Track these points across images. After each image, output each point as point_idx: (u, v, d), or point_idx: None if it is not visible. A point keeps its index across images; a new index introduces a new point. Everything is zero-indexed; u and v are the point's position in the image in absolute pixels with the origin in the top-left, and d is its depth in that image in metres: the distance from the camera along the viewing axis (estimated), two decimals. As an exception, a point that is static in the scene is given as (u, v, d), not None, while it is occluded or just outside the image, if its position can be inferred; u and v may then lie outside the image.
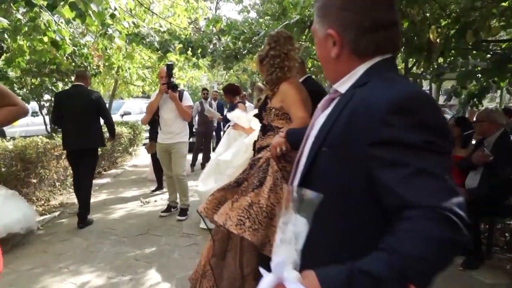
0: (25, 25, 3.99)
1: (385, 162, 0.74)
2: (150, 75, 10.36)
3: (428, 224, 0.67)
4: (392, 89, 0.79)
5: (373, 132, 0.76)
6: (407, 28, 3.79)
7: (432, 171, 0.72)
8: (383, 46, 0.87)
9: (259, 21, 7.24)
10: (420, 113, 0.76)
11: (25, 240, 3.71)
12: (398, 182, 0.72)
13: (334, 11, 0.88)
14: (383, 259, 0.67)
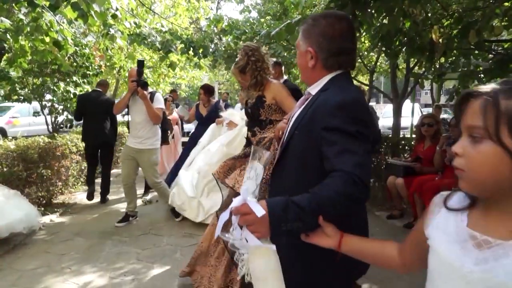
0: (27, 25, 4.00)
1: (328, 141, 1.12)
2: (151, 75, 10.37)
3: (340, 181, 1.03)
4: (341, 94, 1.18)
5: (325, 120, 1.14)
6: (409, 28, 3.79)
7: (356, 150, 1.08)
8: (343, 65, 1.28)
9: (261, 21, 7.26)
10: (355, 112, 1.14)
11: (28, 240, 3.72)
12: (332, 155, 1.09)
13: (314, 36, 1.26)
14: (307, 197, 1.02)
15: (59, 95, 6.99)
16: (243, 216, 1.00)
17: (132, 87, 3.90)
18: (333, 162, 1.08)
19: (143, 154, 4.07)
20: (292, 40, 5.05)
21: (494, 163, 0.69)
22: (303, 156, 1.23)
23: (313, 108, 1.22)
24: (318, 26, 1.26)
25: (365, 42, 7.60)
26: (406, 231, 4.09)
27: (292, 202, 1.01)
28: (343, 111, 1.13)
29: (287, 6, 7.60)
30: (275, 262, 1.02)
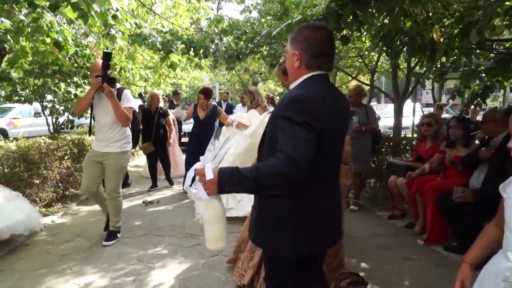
0: (28, 26, 3.99)
1: (280, 127, 1.38)
2: (152, 76, 10.36)
3: (279, 160, 1.29)
4: (300, 90, 1.46)
5: (282, 110, 1.41)
6: (410, 28, 3.78)
7: (298, 137, 1.32)
8: (322, 66, 1.53)
9: (261, 21, 7.25)
10: (304, 106, 1.37)
11: (29, 241, 3.72)
12: (280, 139, 1.36)
13: (299, 42, 1.53)
14: (251, 169, 1.31)
15: (60, 96, 6.99)
16: (201, 177, 1.36)
17: (96, 83, 3.37)
18: (279, 145, 1.35)
19: (110, 157, 3.59)
20: (292, 40, 5.06)
21: None
22: (272, 139, 1.51)
23: (282, 101, 1.51)
24: (302, 33, 1.54)
25: (366, 41, 7.59)
26: (408, 231, 4.08)
27: (238, 171, 1.32)
28: (295, 104, 1.40)
29: (288, 6, 7.58)
30: (219, 212, 1.45)
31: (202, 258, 3.40)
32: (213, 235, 1.48)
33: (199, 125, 5.61)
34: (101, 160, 3.61)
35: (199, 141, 5.46)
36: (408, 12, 3.57)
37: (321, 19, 3.87)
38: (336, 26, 3.66)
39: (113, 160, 3.60)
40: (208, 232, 1.49)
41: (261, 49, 6.75)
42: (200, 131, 5.59)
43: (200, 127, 5.61)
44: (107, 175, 3.64)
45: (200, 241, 3.81)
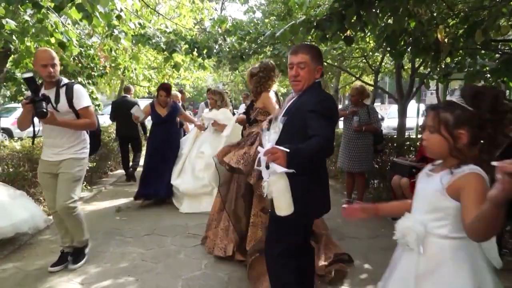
0: (33, 27, 4.02)
1: (312, 118, 1.90)
2: (156, 76, 10.40)
3: (319, 138, 1.81)
4: (318, 95, 2.04)
5: (311, 107, 1.94)
6: (414, 28, 3.77)
7: (326, 124, 1.90)
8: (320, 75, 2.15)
9: (265, 22, 7.26)
10: (325, 104, 2.00)
11: (33, 240, 3.74)
12: (313, 125, 1.88)
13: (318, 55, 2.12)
14: (305, 145, 1.79)
15: (64, 96, 7.01)
16: (273, 154, 1.65)
17: (27, 109, 2.75)
18: (314, 129, 1.88)
19: (62, 165, 3.00)
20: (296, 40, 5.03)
21: (439, 143, 1.40)
22: (292, 130, 1.96)
23: (300, 101, 2.07)
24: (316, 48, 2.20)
25: (369, 42, 7.57)
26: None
27: (295, 149, 1.71)
28: (319, 103, 1.98)
29: (292, 7, 7.59)
30: (287, 184, 1.74)
31: (205, 258, 3.40)
32: (286, 202, 1.78)
33: (162, 124, 5.19)
34: (55, 171, 3.02)
35: (164, 142, 5.15)
36: (412, 12, 3.56)
37: (325, 19, 3.86)
38: (339, 27, 3.66)
39: (66, 168, 2.99)
40: (282, 201, 1.78)
41: (265, 50, 6.76)
42: (163, 130, 5.17)
43: (162, 125, 5.19)
44: (58, 186, 3.00)
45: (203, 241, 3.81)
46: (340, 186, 6.21)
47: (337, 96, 13.00)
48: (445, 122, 1.37)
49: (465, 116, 1.34)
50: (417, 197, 1.51)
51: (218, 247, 3.32)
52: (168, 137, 5.21)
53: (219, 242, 3.32)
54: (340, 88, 12.82)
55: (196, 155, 5.14)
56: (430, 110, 1.44)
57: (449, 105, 1.39)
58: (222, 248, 3.29)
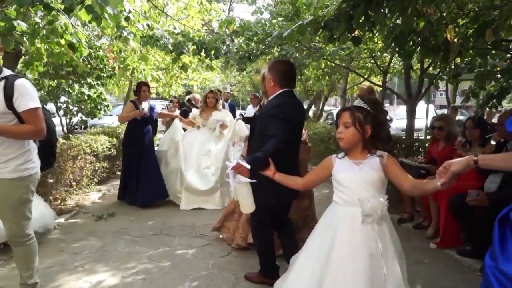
0: (43, 28, 4.07)
1: (270, 121, 2.48)
2: (164, 77, 10.45)
3: (273, 140, 2.38)
4: (278, 100, 2.62)
5: (269, 111, 2.56)
6: (423, 28, 3.73)
7: (281, 126, 2.43)
8: (288, 85, 2.68)
9: (272, 22, 7.25)
10: (281, 108, 2.53)
11: (43, 239, 3.77)
12: (271, 128, 2.44)
13: (274, 70, 2.66)
14: (261, 152, 2.32)
15: (73, 97, 7.11)
16: (238, 169, 2.21)
17: None
18: (271, 131, 2.43)
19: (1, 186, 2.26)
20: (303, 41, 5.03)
21: (353, 135, 1.85)
22: (261, 133, 2.58)
23: (266, 107, 2.71)
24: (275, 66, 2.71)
25: (378, 42, 7.52)
26: (420, 235, 4.02)
27: (255, 157, 2.33)
28: (277, 107, 2.55)
29: (299, 7, 7.58)
30: (249, 189, 2.33)
31: (212, 258, 3.41)
32: (249, 203, 2.38)
33: (142, 123, 5.08)
34: None
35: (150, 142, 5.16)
36: (421, 12, 3.53)
37: (333, 19, 3.85)
38: (347, 27, 3.64)
39: (5, 189, 2.27)
40: (245, 202, 2.38)
41: (272, 50, 6.76)
42: (141, 129, 5.09)
43: (142, 125, 5.09)
44: (1, 213, 2.36)
45: (210, 241, 3.82)
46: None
47: (345, 97, 12.94)
48: (358, 119, 1.86)
49: (369, 116, 1.87)
50: (350, 181, 1.90)
51: (239, 237, 3.55)
52: (150, 137, 5.26)
53: (241, 232, 3.55)
54: (348, 88, 12.76)
55: (202, 153, 5.22)
56: (345, 110, 1.94)
57: (359, 108, 1.89)
58: (243, 238, 3.52)
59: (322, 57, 7.51)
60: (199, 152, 5.24)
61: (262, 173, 2.24)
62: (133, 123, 5.05)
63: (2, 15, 3.43)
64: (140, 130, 5.10)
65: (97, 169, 5.88)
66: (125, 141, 5.25)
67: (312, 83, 12.44)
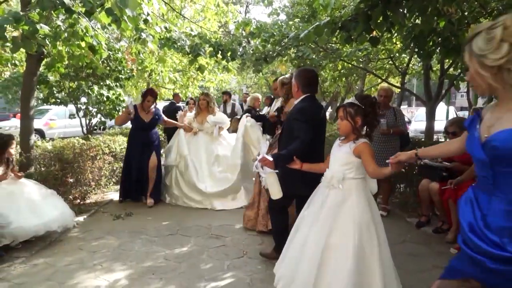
0: (65, 31, 4.18)
1: (295, 124, 2.88)
2: (180, 78, 10.56)
3: (298, 141, 2.77)
4: (301, 104, 2.99)
5: (294, 115, 2.95)
6: (443, 28, 3.66)
7: (304, 128, 2.81)
8: (310, 91, 3.04)
9: (289, 24, 7.22)
10: (304, 112, 2.90)
11: (62, 237, 3.86)
12: (295, 130, 2.85)
13: (298, 77, 3.04)
14: (287, 150, 2.77)
15: (93, 98, 7.25)
16: (264, 161, 2.62)
17: None
18: (296, 133, 2.81)
19: None
20: (320, 42, 5.00)
21: (347, 126, 2.40)
22: (289, 132, 2.94)
23: (291, 111, 3.03)
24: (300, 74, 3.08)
25: (396, 43, 7.40)
26: (439, 239, 3.92)
27: (280, 154, 2.79)
28: (300, 111, 2.91)
29: (316, 8, 7.53)
30: (276, 178, 2.71)
31: (228, 259, 3.42)
32: (276, 190, 2.75)
33: (144, 129, 5.11)
34: None
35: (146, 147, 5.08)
36: (441, 11, 3.46)
37: (350, 20, 3.81)
38: (365, 27, 3.60)
39: None
40: (273, 189, 2.76)
41: (289, 52, 6.73)
42: (145, 136, 5.10)
43: (145, 131, 5.10)
44: None
45: (225, 242, 3.83)
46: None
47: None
48: (350, 113, 2.39)
49: (359, 109, 2.38)
50: (333, 158, 2.49)
51: (260, 224, 4.01)
52: (148, 143, 5.11)
53: (261, 219, 4.00)
54: (366, 90, 12.59)
55: (211, 161, 5.36)
56: (341, 107, 2.48)
57: (351, 104, 2.42)
58: (264, 224, 3.98)
59: (339, 58, 7.44)
60: (208, 160, 5.32)
61: (290, 167, 2.71)
62: (133, 128, 5.15)
63: (26, 19, 3.53)
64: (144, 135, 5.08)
65: (115, 169, 5.97)
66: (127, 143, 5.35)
67: (328, 85, 12.34)
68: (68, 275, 3.07)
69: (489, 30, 1.33)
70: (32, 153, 4.55)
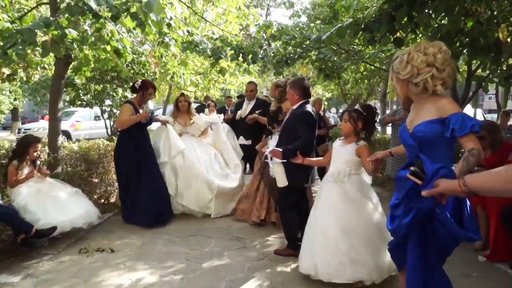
0: (92, 36, 4.29)
1: (298, 125, 3.40)
2: (202, 81, 10.67)
3: (301, 139, 3.32)
4: (301, 109, 3.47)
5: (297, 118, 3.44)
6: (471, 28, 3.55)
7: (305, 129, 3.37)
8: (306, 97, 3.55)
9: (310, 26, 7.18)
10: (305, 116, 3.43)
11: (87, 236, 3.96)
12: (298, 130, 3.37)
13: (296, 86, 3.51)
14: (292, 146, 3.26)
15: (117, 101, 7.44)
16: (274, 153, 3.26)
17: None
18: (299, 132, 3.34)
19: None
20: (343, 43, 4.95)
21: (349, 128, 2.88)
22: (289, 133, 3.43)
23: (293, 114, 3.49)
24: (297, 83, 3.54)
25: (421, 44, 7.22)
26: (467, 245, 3.79)
27: (287, 148, 3.24)
28: (302, 115, 3.41)
29: (338, 10, 7.46)
30: (282, 168, 3.36)
31: (248, 261, 3.42)
32: (282, 179, 3.39)
33: (143, 129, 4.61)
34: None
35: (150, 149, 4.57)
36: (470, 11, 3.35)
37: (374, 21, 3.76)
38: (389, 28, 3.54)
39: None
40: (279, 177, 3.40)
41: (310, 54, 6.69)
42: (145, 136, 4.61)
43: (143, 131, 4.59)
44: None
45: (246, 244, 3.83)
46: (388, 194, 5.96)
47: (385, 101, 12.56)
48: (353, 117, 2.84)
49: (360, 115, 2.83)
50: (336, 155, 2.97)
51: (254, 215, 4.37)
52: (149, 144, 4.62)
53: (255, 211, 4.38)
54: (388, 92, 12.37)
55: (211, 158, 5.06)
56: (347, 111, 2.97)
57: (355, 110, 2.86)
58: (257, 215, 4.34)
59: (362, 60, 7.34)
60: (209, 159, 4.99)
61: (293, 161, 3.15)
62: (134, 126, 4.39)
63: (55, 24, 3.66)
64: (143, 134, 4.56)
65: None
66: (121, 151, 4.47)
67: (350, 87, 12.19)
68: (93, 272, 3.15)
69: (401, 55, 1.99)
70: (59, 153, 4.69)
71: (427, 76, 1.90)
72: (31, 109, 22.19)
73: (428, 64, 1.90)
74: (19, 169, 3.70)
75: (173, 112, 5.15)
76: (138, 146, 4.43)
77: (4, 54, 3.59)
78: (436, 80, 1.91)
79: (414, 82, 1.94)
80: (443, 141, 1.90)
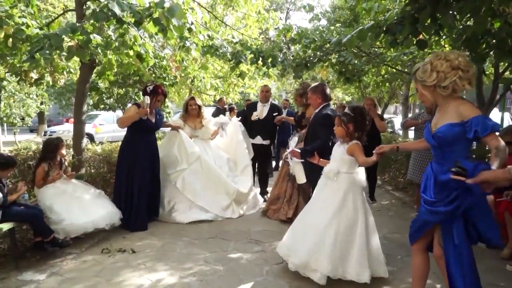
0: (115, 41, 4.41)
1: (319, 127, 3.77)
2: (222, 85, 10.75)
3: (319, 140, 3.70)
4: (324, 112, 3.82)
5: (319, 121, 3.80)
6: (499, 29, 3.43)
7: (325, 132, 3.66)
8: (328, 100, 3.93)
9: (330, 29, 7.13)
10: (327, 119, 3.63)
11: (109, 236, 4.05)
12: (319, 131, 3.76)
13: (318, 91, 3.89)
14: (310, 146, 3.70)
15: (139, 104, 7.57)
16: (294, 153, 3.71)
17: None
18: (319, 134, 3.73)
19: None
20: (363, 46, 4.88)
21: (342, 131, 3.09)
22: (313, 134, 3.83)
23: (316, 117, 3.87)
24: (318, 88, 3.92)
25: (445, 46, 7.06)
26: (494, 254, 3.66)
27: (305, 149, 3.71)
28: (324, 117, 3.71)
29: (358, 12, 7.38)
30: (301, 166, 4.00)
31: (267, 264, 3.40)
32: (301, 176, 3.99)
33: (151, 132, 4.58)
34: None
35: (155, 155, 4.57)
36: (497, 11, 3.25)
37: (396, 23, 3.69)
38: (412, 30, 3.47)
39: None
40: (299, 176, 4.08)
41: (330, 57, 6.64)
42: (152, 141, 4.55)
43: (151, 135, 4.57)
44: None
45: (264, 248, 3.82)
46: (409, 200, 5.82)
47: (407, 105, 12.30)
48: (343, 121, 3.04)
49: (350, 117, 3.03)
50: (332, 155, 3.17)
51: (281, 213, 4.70)
52: (156, 151, 4.60)
53: (283, 210, 4.72)
54: (411, 95, 12.12)
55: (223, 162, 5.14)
56: (337, 116, 3.14)
57: (345, 114, 3.07)
58: (284, 214, 4.66)
59: (383, 63, 7.22)
60: (221, 164, 5.06)
61: (310, 160, 3.49)
62: (138, 129, 4.36)
63: (81, 30, 3.77)
64: (150, 139, 4.50)
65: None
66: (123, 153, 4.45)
67: (371, 90, 12.01)
68: (114, 272, 3.21)
69: (423, 66, 2.24)
70: (83, 155, 4.82)
71: (455, 78, 2.13)
72: (56, 112, 22.94)
73: (453, 67, 2.13)
74: (49, 171, 3.84)
75: (183, 115, 5.18)
76: (134, 152, 4.36)
77: (31, 57, 3.73)
78: (463, 80, 2.15)
79: (443, 86, 2.16)
80: (461, 142, 2.18)
